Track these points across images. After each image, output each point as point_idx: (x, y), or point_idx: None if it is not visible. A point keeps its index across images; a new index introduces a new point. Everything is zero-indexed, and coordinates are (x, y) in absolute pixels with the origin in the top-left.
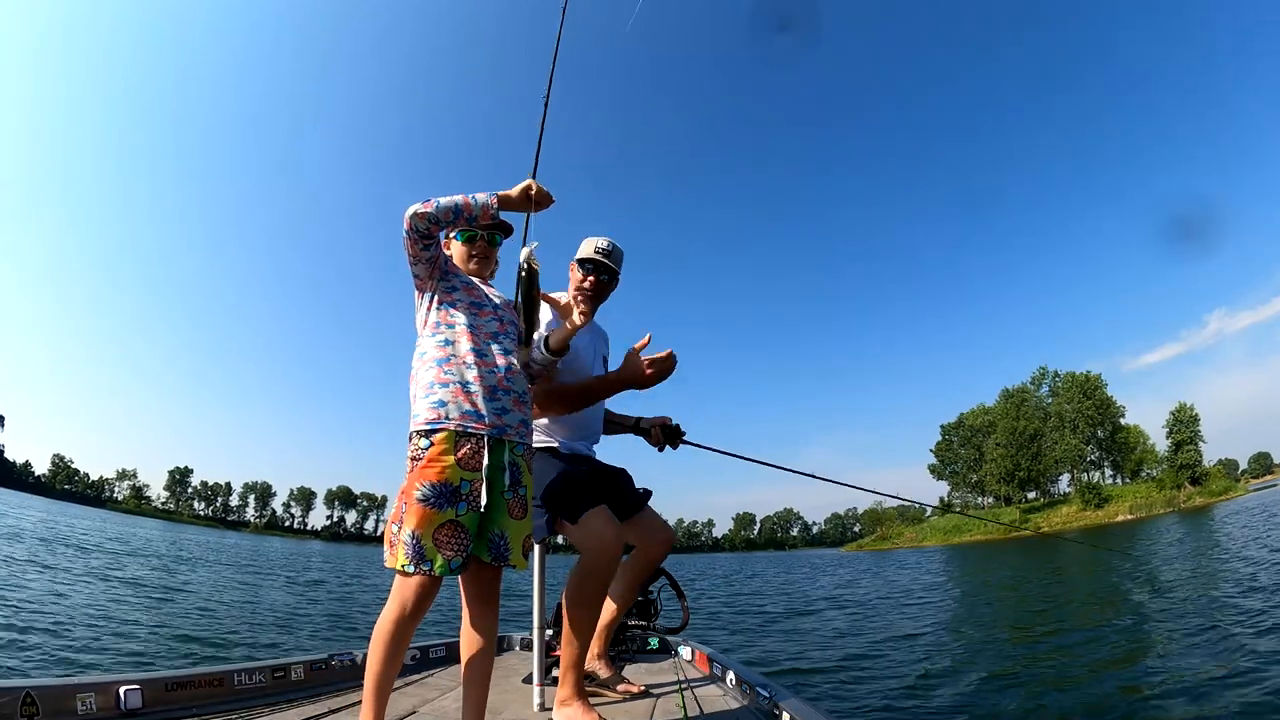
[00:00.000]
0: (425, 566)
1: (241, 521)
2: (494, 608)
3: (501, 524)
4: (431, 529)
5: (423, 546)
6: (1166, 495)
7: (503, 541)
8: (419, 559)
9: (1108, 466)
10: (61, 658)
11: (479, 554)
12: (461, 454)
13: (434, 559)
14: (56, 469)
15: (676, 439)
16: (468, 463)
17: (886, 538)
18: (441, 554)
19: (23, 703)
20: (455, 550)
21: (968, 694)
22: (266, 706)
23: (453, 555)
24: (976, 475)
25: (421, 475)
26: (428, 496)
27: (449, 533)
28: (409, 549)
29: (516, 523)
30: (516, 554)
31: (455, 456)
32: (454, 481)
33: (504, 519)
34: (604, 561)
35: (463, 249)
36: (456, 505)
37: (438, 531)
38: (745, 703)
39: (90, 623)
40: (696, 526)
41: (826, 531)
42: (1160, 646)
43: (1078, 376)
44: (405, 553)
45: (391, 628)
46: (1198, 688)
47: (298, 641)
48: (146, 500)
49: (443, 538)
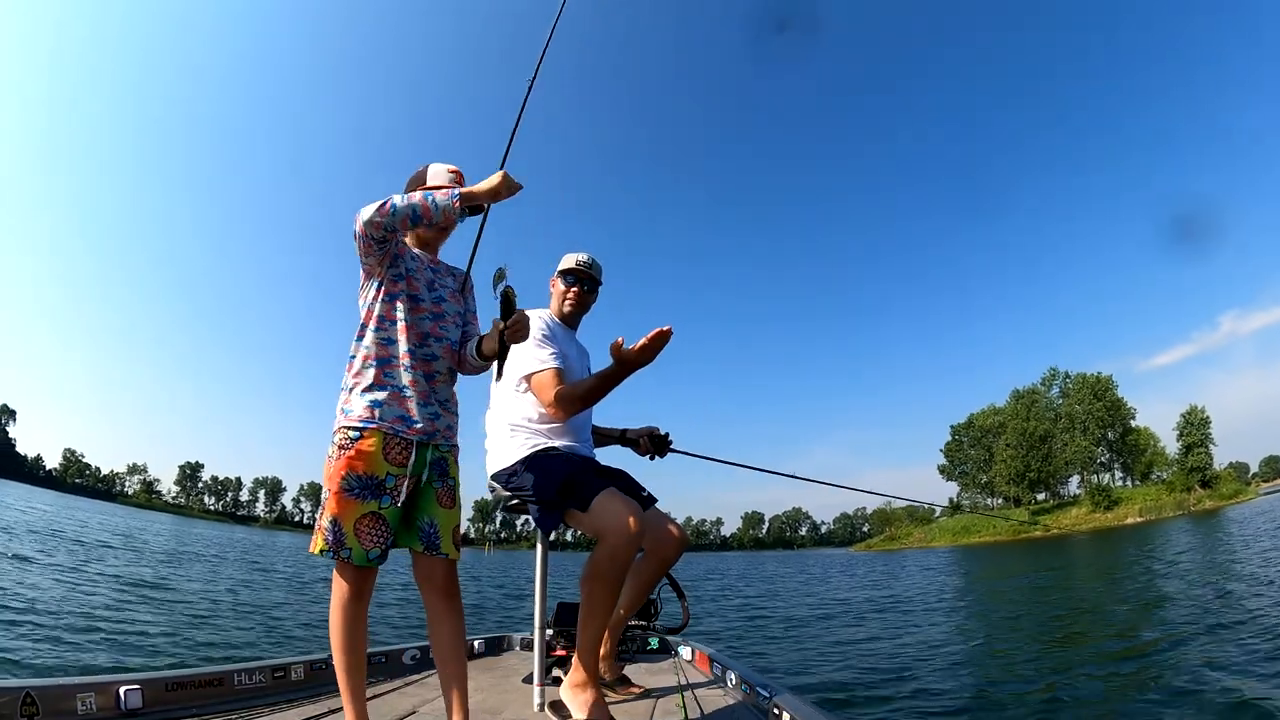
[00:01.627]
0: (345, 554)
1: (251, 516)
2: (454, 601)
3: (430, 512)
4: (353, 518)
5: (343, 534)
6: (1177, 498)
7: (433, 529)
8: (338, 545)
9: (1118, 468)
10: (61, 658)
11: (410, 544)
12: (390, 452)
13: (353, 547)
14: (67, 463)
15: (664, 448)
16: (394, 458)
17: (895, 538)
18: (361, 543)
19: (23, 703)
20: (375, 542)
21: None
22: (266, 706)
23: (372, 546)
24: (986, 476)
25: (348, 464)
26: (351, 486)
27: (369, 524)
28: (329, 535)
29: (445, 511)
30: (447, 542)
31: (383, 452)
32: (379, 474)
33: (433, 507)
34: (624, 541)
35: None
36: (380, 498)
37: (359, 522)
38: (746, 703)
39: (91, 622)
40: (705, 525)
41: (835, 531)
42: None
43: (1089, 378)
44: (325, 539)
45: (336, 617)
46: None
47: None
48: (157, 495)
49: (363, 528)
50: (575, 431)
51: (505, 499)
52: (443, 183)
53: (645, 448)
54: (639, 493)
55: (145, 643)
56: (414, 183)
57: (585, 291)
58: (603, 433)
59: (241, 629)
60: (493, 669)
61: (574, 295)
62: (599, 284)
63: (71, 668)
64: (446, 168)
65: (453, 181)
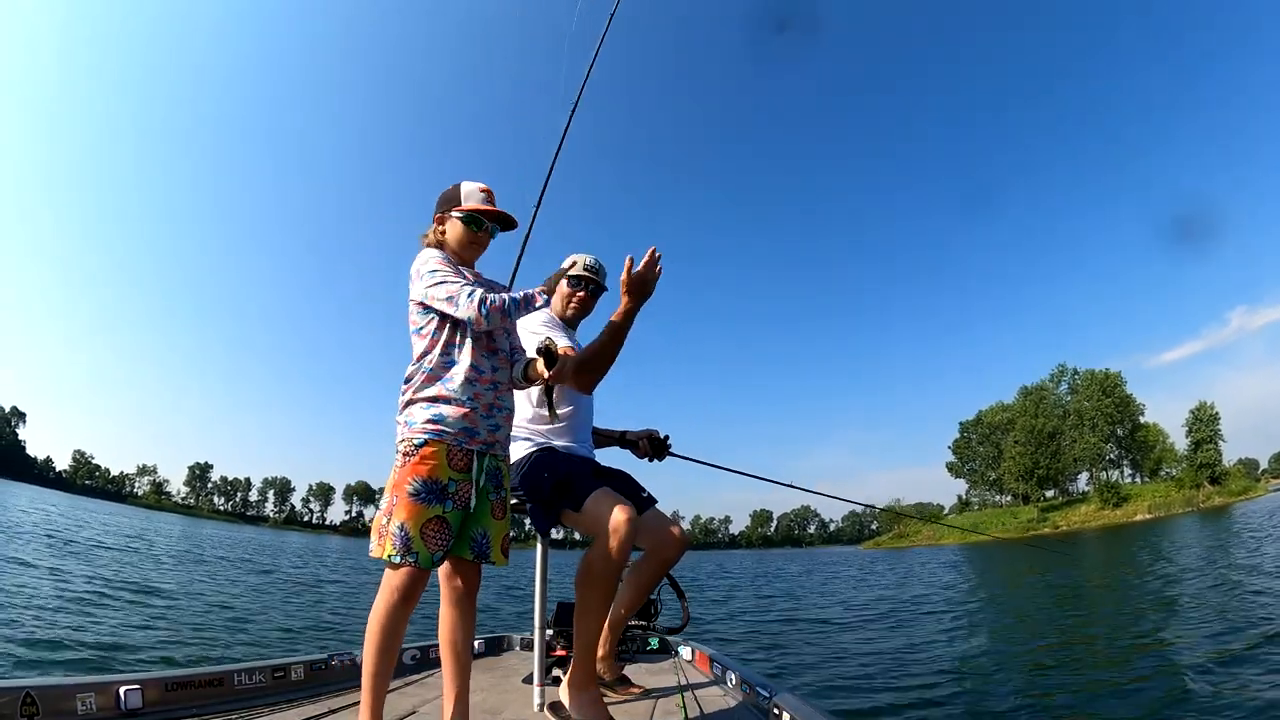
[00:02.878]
0: (411, 558)
1: (261, 516)
2: (473, 605)
3: (484, 523)
4: (420, 522)
5: (410, 538)
6: (1186, 495)
7: (484, 540)
8: (405, 550)
9: (1127, 465)
10: (66, 657)
11: (461, 552)
12: (453, 459)
13: (419, 551)
14: (77, 464)
15: (664, 451)
16: (457, 465)
17: (904, 536)
18: (427, 546)
19: (23, 703)
20: (439, 545)
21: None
22: (266, 706)
23: (436, 549)
24: (995, 473)
25: (414, 470)
26: (419, 491)
27: (435, 528)
28: (397, 540)
29: (497, 522)
30: (496, 552)
31: (447, 459)
32: (443, 480)
33: (486, 519)
34: (617, 540)
35: (464, 232)
36: (444, 502)
37: (425, 525)
38: (746, 703)
39: (95, 621)
40: (713, 523)
41: (844, 529)
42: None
43: (1097, 374)
44: (393, 543)
45: (384, 619)
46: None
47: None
48: (166, 495)
49: (429, 532)
50: (574, 432)
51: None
52: (475, 203)
53: (644, 450)
54: (639, 494)
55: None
56: (445, 202)
57: (589, 296)
58: (602, 434)
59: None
60: (493, 669)
61: (579, 299)
62: (604, 289)
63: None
64: (478, 186)
65: (486, 201)
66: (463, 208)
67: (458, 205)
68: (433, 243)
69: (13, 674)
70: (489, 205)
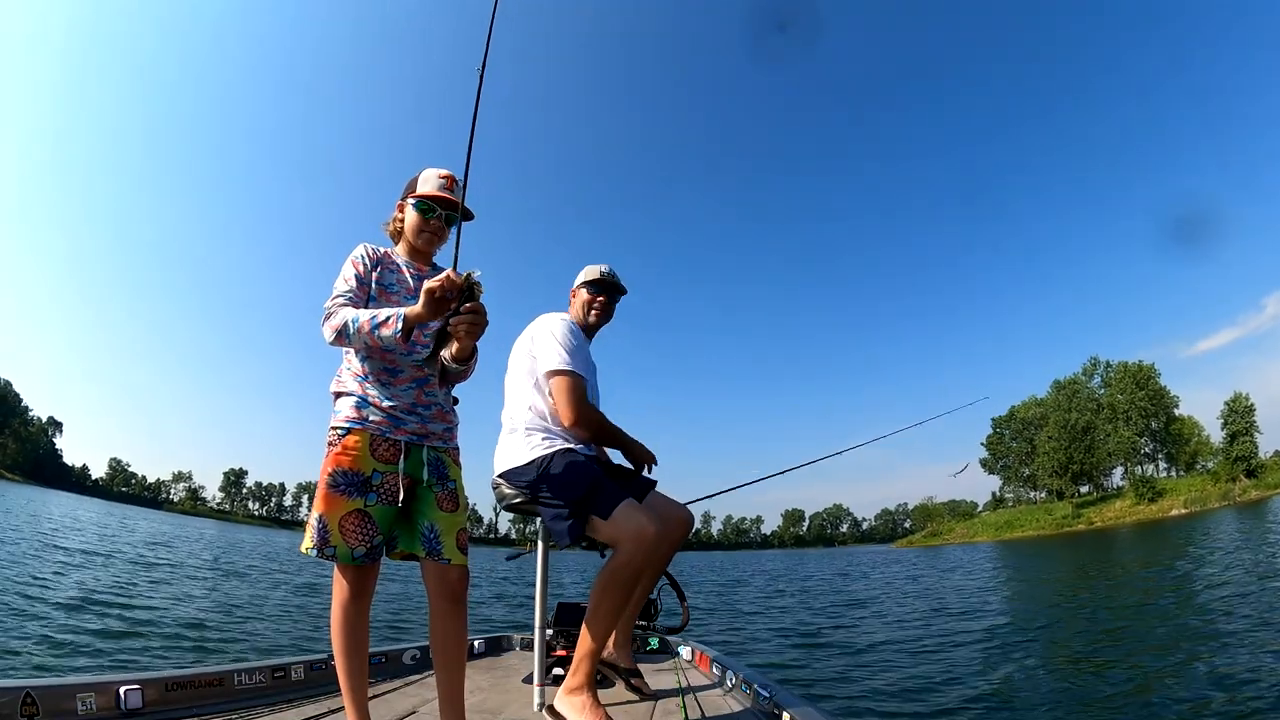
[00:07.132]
0: (329, 551)
1: (295, 521)
2: (459, 608)
3: (431, 517)
4: (338, 515)
5: (328, 531)
6: (1222, 488)
7: (433, 534)
8: (323, 543)
9: (1162, 459)
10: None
11: (412, 549)
12: (377, 449)
13: (338, 545)
14: (114, 472)
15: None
16: (382, 455)
17: (937, 534)
18: (346, 541)
19: (23, 703)
20: (360, 540)
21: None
22: (266, 706)
23: (357, 544)
24: (1029, 469)
25: (335, 461)
26: (337, 483)
27: (355, 521)
28: (314, 532)
29: (447, 515)
30: (450, 547)
31: (370, 449)
32: (365, 471)
33: (433, 512)
34: (644, 552)
35: (417, 219)
36: (366, 495)
37: (344, 519)
38: (746, 704)
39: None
40: (745, 523)
41: (877, 528)
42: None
43: (1130, 366)
44: (312, 537)
45: (336, 618)
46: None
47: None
48: (202, 501)
49: (349, 526)
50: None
51: (509, 498)
52: (431, 189)
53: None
54: (643, 478)
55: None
56: (406, 188)
57: (609, 301)
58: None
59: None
60: (493, 669)
61: (600, 304)
62: (623, 291)
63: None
64: (437, 173)
65: (443, 188)
66: (416, 194)
67: (414, 192)
68: (392, 231)
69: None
70: (443, 193)
